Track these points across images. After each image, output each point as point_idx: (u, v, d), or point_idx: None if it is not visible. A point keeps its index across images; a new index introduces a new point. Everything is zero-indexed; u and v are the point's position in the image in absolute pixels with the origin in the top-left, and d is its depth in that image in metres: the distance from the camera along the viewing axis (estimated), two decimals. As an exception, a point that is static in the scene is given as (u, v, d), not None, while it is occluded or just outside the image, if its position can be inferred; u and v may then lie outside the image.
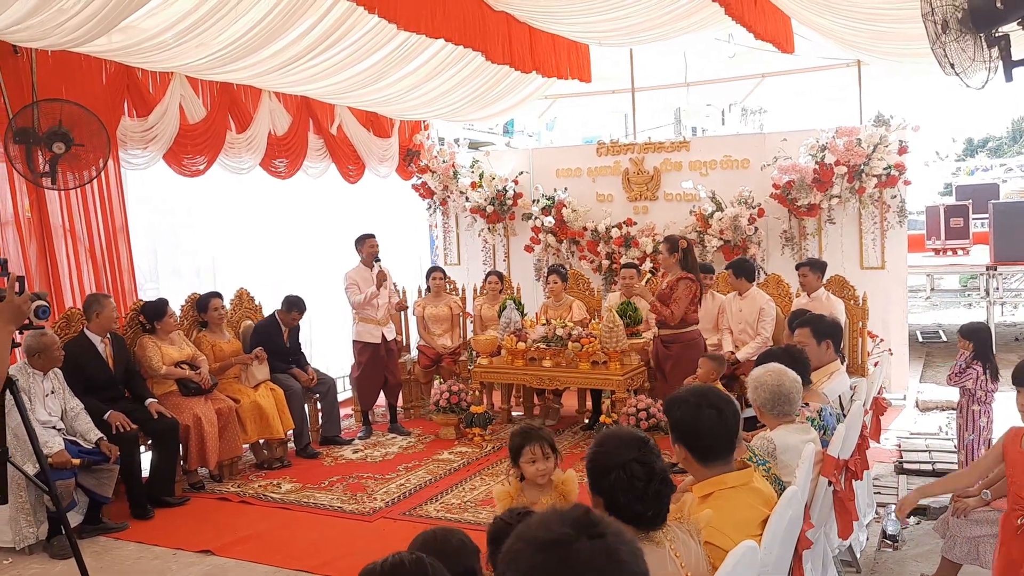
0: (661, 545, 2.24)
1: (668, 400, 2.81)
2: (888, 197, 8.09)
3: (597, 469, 2.32)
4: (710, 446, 2.68)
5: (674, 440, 2.73)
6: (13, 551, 5.04)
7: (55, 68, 5.94)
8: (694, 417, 2.69)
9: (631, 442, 2.33)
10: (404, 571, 1.72)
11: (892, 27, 7.02)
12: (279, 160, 7.94)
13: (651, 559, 2.18)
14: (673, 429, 2.75)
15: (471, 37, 6.89)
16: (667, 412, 2.81)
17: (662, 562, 2.21)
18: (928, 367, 9.75)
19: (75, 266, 6.24)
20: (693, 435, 2.69)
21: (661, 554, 2.22)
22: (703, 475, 2.71)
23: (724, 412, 2.69)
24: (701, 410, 2.68)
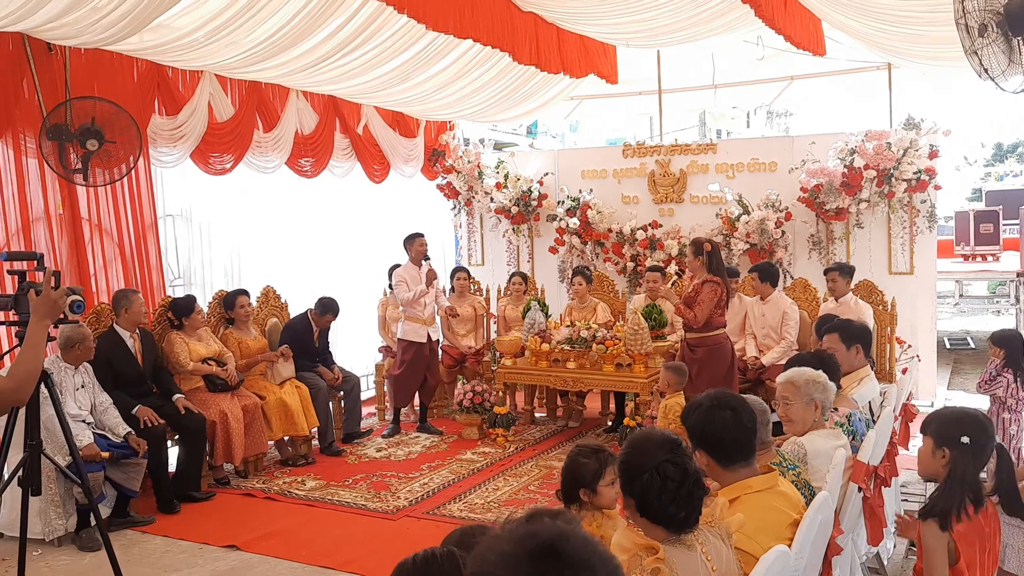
0: (692, 548, 2.23)
1: (684, 408, 2.79)
2: (917, 202, 8.00)
3: (630, 470, 2.30)
4: (729, 449, 2.66)
5: (694, 447, 2.70)
6: (42, 543, 5.10)
7: (88, 66, 6.02)
8: (709, 420, 2.67)
9: (664, 443, 2.31)
10: (436, 565, 1.72)
11: (924, 30, 6.94)
12: (305, 159, 7.99)
13: (682, 562, 2.18)
14: (691, 436, 2.73)
15: (499, 38, 6.91)
16: (683, 420, 2.79)
17: (693, 566, 2.19)
18: (956, 374, 9.63)
19: (105, 262, 6.31)
20: (711, 439, 2.68)
21: (692, 557, 2.21)
22: (727, 480, 2.69)
23: (740, 413, 2.67)
24: (715, 413, 2.67)
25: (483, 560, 1.27)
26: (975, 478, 2.76)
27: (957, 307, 13.31)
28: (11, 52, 5.58)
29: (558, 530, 1.27)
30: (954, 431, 2.78)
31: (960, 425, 2.79)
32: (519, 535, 1.26)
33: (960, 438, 2.75)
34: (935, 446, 2.82)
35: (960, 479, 2.73)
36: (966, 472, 2.74)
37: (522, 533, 1.27)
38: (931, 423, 2.90)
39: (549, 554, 1.23)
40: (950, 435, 2.78)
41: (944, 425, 2.84)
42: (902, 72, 8.74)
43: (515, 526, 1.30)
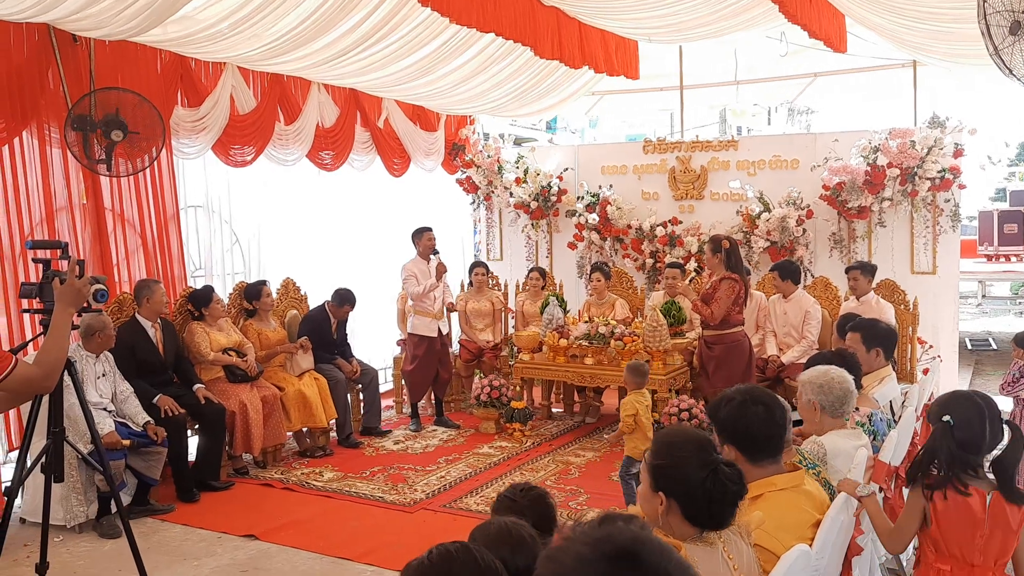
0: (714, 546, 2.22)
1: (714, 401, 2.77)
2: (941, 201, 7.92)
3: (680, 474, 2.23)
4: (759, 444, 2.65)
5: (723, 441, 2.69)
6: (64, 529, 5.16)
7: (112, 57, 6.06)
8: (741, 415, 2.66)
9: (706, 444, 2.28)
10: (454, 560, 1.68)
11: (951, 27, 6.86)
12: (326, 152, 8.01)
13: (704, 560, 2.16)
14: (721, 429, 2.71)
15: (521, 32, 6.89)
16: (712, 413, 2.77)
17: (715, 563, 2.18)
18: (977, 375, 9.54)
19: (128, 252, 6.36)
20: (742, 434, 2.66)
21: (714, 555, 2.20)
22: (753, 475, 2.66)
23: (772, 409, 2.66)
24: (748, 407, 2.66)
25: (559, 563, 1.25)
26: (958, 458, 2.80)
27: (979, 307, 13.18)
28: (36, 43, 5.62)
29: (635, 534, 1.25)
30: (940, 410, 2.87)
31: (946, 406, 2.88)
32: (595, 538, 1.24)
33: (942, 416, 2.83)
34: (930, 427, 2.92)
35: (930, 451, 2.82)
36: (939, 448, 2.80)
37: (598, 536, 1.24)
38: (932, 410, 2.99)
39: (627, 558, 1.22)
40: (936, 413, 2.88)
41: (936, 405, 2.93)
42: (926, 70, 8.65)
43: (589, 528, 1.28)
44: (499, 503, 2.63)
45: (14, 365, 2.78)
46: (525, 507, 2.52)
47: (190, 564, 4.76)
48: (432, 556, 1.71)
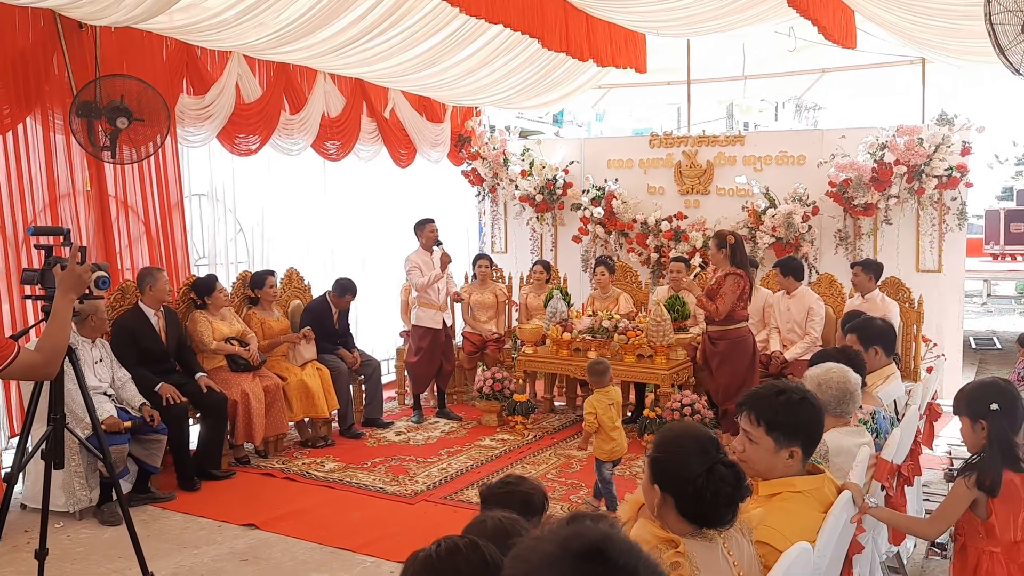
0: (713, 541, 2.20)
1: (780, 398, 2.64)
2: (948, 199, 7.88)
3: (677, 470, 2.19)
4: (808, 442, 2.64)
5: (789, 442, 2.60)
6: (65, 515, 5.16)
7: (118, 44, 6.04)
8: (817, 414, 2.65)
9: (709, 441, 2.23)
10: (461, 557, 1.65)
11: (961, 23, 6.81)
12: (331, 142, 7.99)
13: (702, 555, 2.15)
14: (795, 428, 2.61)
15: (529, 23, 6.85)
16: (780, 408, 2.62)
17: (713, 557, 2.17)
18: (981, 374, 9.50)
19: (131, 240, 6.35)
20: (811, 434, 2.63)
21: (713, 549, 2.18)
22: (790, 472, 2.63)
23: (820, 410, 2.68)
24: (818, 403, 2.66)
25: (525, 561, 1.24)
26: (1011, 441, 2.86)
27: (984, 306, 13.14)
28: (42, 29, 5.61)
29: (604, 532, 1.24)
30: (983, 401, 2.89)
31: (986, 394, 2.91)
32: (563, 536, 1.23)
33: (990, 405, 2.86)
34: (972, 422, 2.92)
35: (1000, 443, 2.85)
36: (1004, 435, 2.85)
37: (566, 534, 1.23)
38: (960, 402, 2.99)
39: (595, 556, 1.20)
40: (980, 407, 2.89)
41: (972, 400, 2.94)
42: (935, 67, 8.60)
43: (557, 527, 1.27)
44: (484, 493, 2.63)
45: (16, 353, 2.79)
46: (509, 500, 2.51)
47: (190, 552, 4.76)
48: (440, 550, 1.68)
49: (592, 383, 5.47)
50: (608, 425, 5.30)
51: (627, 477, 5.94)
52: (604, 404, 5.33)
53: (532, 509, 2.55)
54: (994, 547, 2.89)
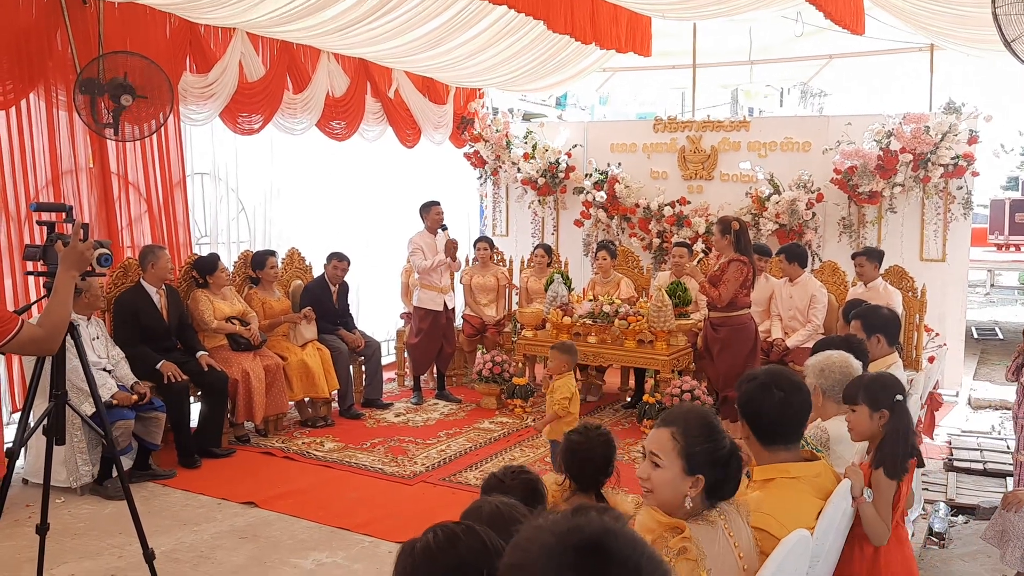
0: (715, 524, 2.21)
1: (743, 376, 2.75)
2: (953, 188, 7.85)
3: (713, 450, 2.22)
4: (773, 429, 2.63)
5: (740, 416, 2.70)
6: (66, 491, 5.18)
7: (121, 20, 6.01)
8: (760, 396, 2.63)
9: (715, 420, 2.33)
10: (461, 544, 1.61)
11: (971, 11, 6.76)
12: (336, 122, 7.96)
13: (706, 538, 2.16)
14: (740, 405, 2.70)
15: (533, 5, 6.80)
16: (737, 387, 2.76)
17: (715, 539, 2.18)
18: (983, 364, 9.52)
19: (133, 218, 6.34)
20: (756, 414, 2.65)
21: (715, 532, 2.19)
22: (764, 458, 2.65)
23: (791, 396, 2.63)
24: (769, 391, 2.63)
25: (524, 551, 1.22)
26: (912, 429, 2.98)
27: (987, 296, 13.12)
28: (45, 4, 5.57)
29: (606, 526, 1.21)
30: (888, 393, 2.97)
31: (888, 386, 3.00)
32: (565, 527, 1.21)
33: (895, 397, 2.95)
34: (871, 411, 2.99)
35: (904, 432, 2.94)
36: (908, 426, 2.95)
37: (568, 525, 1.21)
38: (858, 392, 3.05)
39: (596, 550, 1.18)
40: (884, 397, 2.97)
41: (874, 391, 3.01)
42: (943, 55, 8.55)
43: (560, 517, 1.24)
44: (488, 483, 2.62)
45: (20, 327, 2.79)
46: (512, 489, 2.51)
47: (190, 529, 4.78)
48: (438, 538, 1.63)
49: (565, 364, 5.29)
50: (574, 409, 5.27)
51: (625, 462, 5.96)
52: (573, 387, 5.30)
53: (537, 497, 2.56)
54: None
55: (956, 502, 5.30)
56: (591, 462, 3.06)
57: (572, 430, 3.24)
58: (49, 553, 3.87)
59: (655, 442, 2.27)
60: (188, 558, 4.43)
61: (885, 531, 2.88)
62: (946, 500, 5.31)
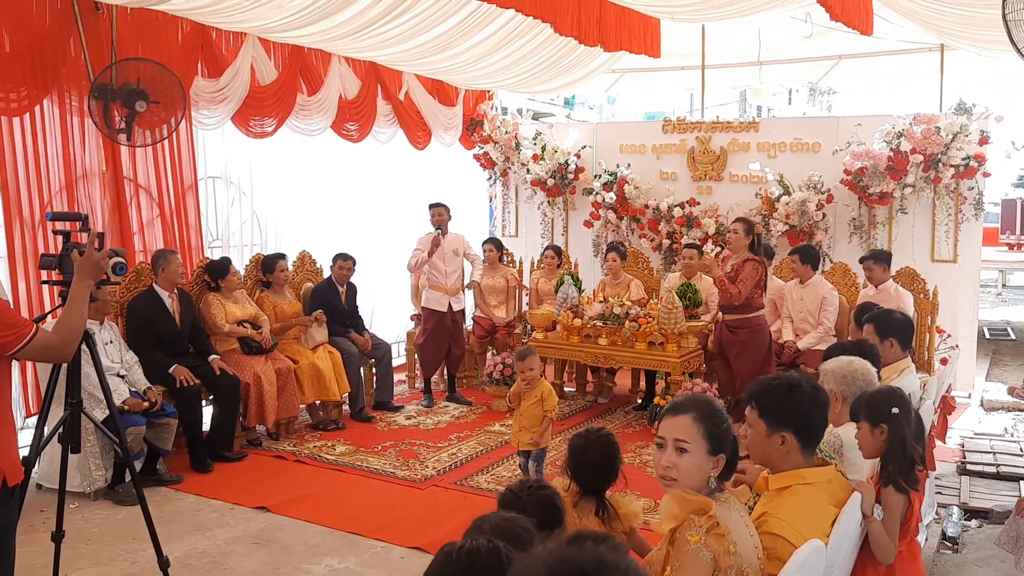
0: (728, 503, 2.32)
1: (762, 384, 2.68)
2: (965, 188, 7.82)
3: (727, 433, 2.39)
4: (817, 434, 2.66)
5: (777, 428, 2.60)
6: (80, 496, 5.21)
7: (133, 26, 6.04)
8: (813, 402, 2.63)
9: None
10: (481, 560, 1.67)
11: (980, 11, 6.73)
12: (351, 124, 7.99)
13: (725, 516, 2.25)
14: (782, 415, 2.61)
15: (540, 8, 6.79)
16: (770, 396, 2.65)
17: (732, 515, 2.28)
18: (995, 365, 9.47)
19: (145, 222, 6.37)
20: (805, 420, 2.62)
21: (731, 510, 2.30)
22: (786, 465, 2.62)
23: (825, 400, 2.70)
24: (818, 395, 2.66)
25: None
26: (910, 441, 2.94)
27: (999, 296, 13.05)
28: (59, 10, 5.61)
29: (599, 558, 1.22)
30: (883, 407, 2.97)
31: (884, 400, 2.99)
32: (557, 559, 1.22)
33: (890, 410, 2.94)
34: (871, 427, 2.99)
35: (901, 444, 2.92)
36: (904, 437, 2.93)
37: (560, 557, 1.22)
38: (859, 410, 3.06)
39: None
40: (881, 412, 2.96)
41: (872, 407, 3.01)
42: (953, 55, 8.51)
43: (556, 547, 1.26)
44: (504, 499, 2.64)
45: (34, 333, 2.81)
46: (528, 505, 2.53)
47: (203, 534, 4.81)
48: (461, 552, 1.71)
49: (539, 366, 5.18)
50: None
51: (637, 465, 5.96)
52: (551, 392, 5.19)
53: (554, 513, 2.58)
54: (901, 546, 2.94)
55: (969, 506, 5.28)
56: (591, 464, 3.07)
57: (576, 434, 3.24)
58: (64, 559, 3.90)
59: (678, 429, 2.35)
60: (201, 564, 4.46)
61: (892, 550, 2.86)
62: (959, 504, 5.29)
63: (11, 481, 2.88)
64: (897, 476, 2.88)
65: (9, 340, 2.79)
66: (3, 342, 2.78)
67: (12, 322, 2.82)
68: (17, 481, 2.92)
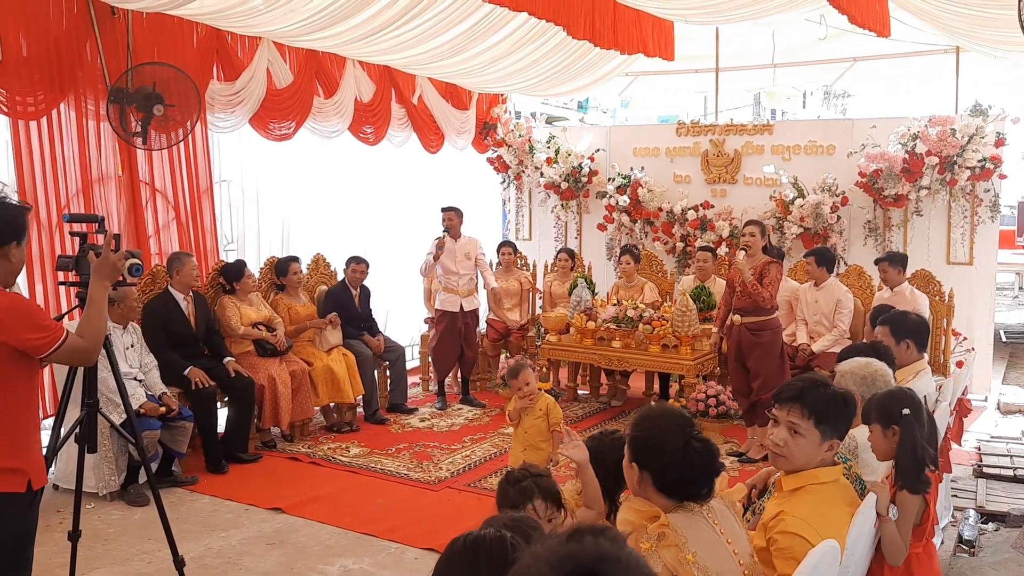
0: (696, 513, 2.30)
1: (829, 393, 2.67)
2: (981, 191, 7.77)
3: (650, 445, 2.33)
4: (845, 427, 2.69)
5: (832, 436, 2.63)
6: (95, 496, 5.25)
7: (150, 30, 6.09)
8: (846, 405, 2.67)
9: (684, 420, 2.37)
10: (484, 547, 1.70)
11: (997, 12, 6.69)
12: (367, 126, 8.04)
13: (685, 524, 2.24)
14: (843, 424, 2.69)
15: (554, 11, 6.80)
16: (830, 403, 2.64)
17: (697, 524, 2.27)
18: (1012, 368, 9.39)
19: (161, 225, 6.42)
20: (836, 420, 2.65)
21: (696, 518, 2.28)
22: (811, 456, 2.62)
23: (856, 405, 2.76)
24: (849, 400, 2.70)
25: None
26: (923, 442, 2.93)
27: (1016, 299, 12.95)
28: (76, 14, 5.66)
29: (600, 552, 1.21)
30: (894, 408, 2.97)
31: (896, 402, 2.99)
32: (558, 556, 1.21)
33: (902, 412, 2.94)
34: (883, 429, 2.99)
35: (912, 445, 2.91)
36: (916, 438, 2.91)
37: (562, 554, 1.21)
38: (871, 412, 3.05)
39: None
40: (892, 413, 2.96)
41: (883, 408, 3.01)
42: (969, 56, 8.46)
43: (555, 544, 1.24)
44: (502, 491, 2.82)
45: (65, 337, 2.84)
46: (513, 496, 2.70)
47: (218, 535, 4.83)
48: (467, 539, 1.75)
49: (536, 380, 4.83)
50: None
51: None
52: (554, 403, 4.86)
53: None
54: (917, 548, 2.94)
55: (986, 509, 5.24)
56: (604, 466, 3.07)
57: (589, 436, 3.26)
58: (80, 558, 3.93)
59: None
60: (216, 564, 4.48)
61: (903, 552, 2.85)
62: (976, 507, 5.25)
63: (36, 484, 2.91)
64: (908, 477, 2.87)
65: (42, 343, 2.82)
66: (36, 344, 2.81)
67: (45, 324, 2.85)
68: (42, 484, 2.95)
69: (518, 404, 4.77)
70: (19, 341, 2.77)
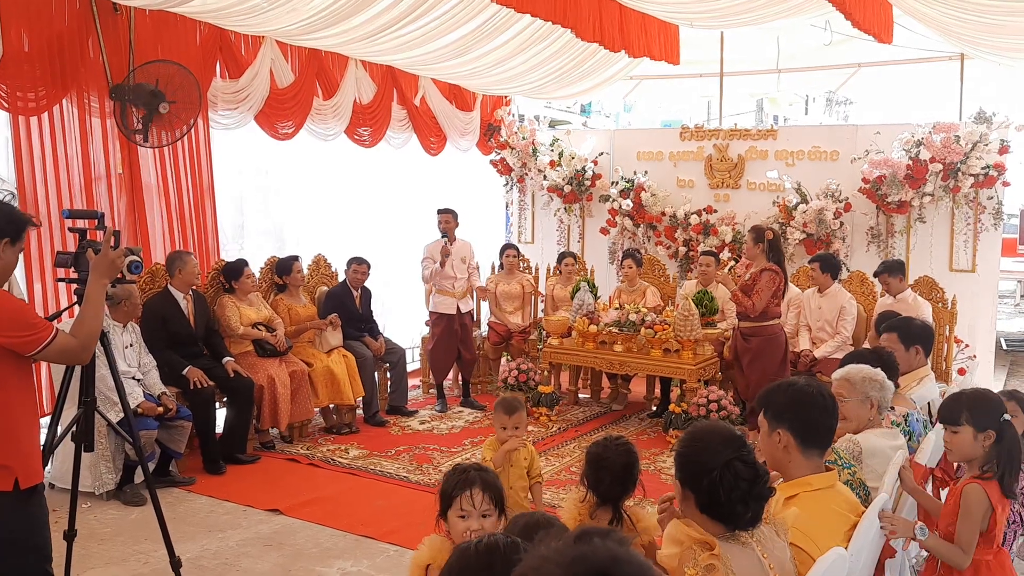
0: (747, 545, 2.17)
1: (770, 387, 2.70)
2: (984, 198, 7.74)
3: (695, 465, 2.21)
4: (816, 432, 2.61)
5: (776, 425, 2.61)
6: (91, 496, 5.21)
7: (152, 27, 6.07)
8: (805, 399, 2.62)
9: (732, 439, 2.23)
10: (497, 554, 1.67)
11: (1003, 19, 6.68)
12: (364, 128, 8.00)
13: (737, 559, 2.12)
14: (778, 412, 2.64)
15: (560, 13, 6.79)
16: (767, 395, 2.69)
17: (751, 562, 2.15)
18: (1012, 376, 9.36)
19: (162, 223, 6.39)
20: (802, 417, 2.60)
21: (749, 554, 2.15)
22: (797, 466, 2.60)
23: (834, 403, 2.67)
24: (813, 394, 2.63)
25: None
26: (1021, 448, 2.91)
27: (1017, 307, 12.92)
28: (78, 11, 5.64)
29: (611, 553, 1.19)
30: (994, 413, 2.92)
31: (994, 406, 2.96)
32: (569, 558, 1.19)
33: (1002, 416, 2.91)
34: (976, 431, 2.92)
35: (1012, 449, 2.88)
36: (1017, 443, 2.89)
37: (572, 555, 1.19)
38: (961, 413, 2.98)
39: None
40: (991, 417, 2.92)
41: (979, 411, 2.95)
42: (973, 63, 8.44)
43: (564, 546, 1.23)
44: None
45: (54, 335, 2.81)
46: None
47: (215, 536, 4.79)
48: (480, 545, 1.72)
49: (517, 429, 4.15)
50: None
51: (652, 472, 5.92)
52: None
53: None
54: (988, 555, 2.90)
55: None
56: (609, 472, 3.04)
57: (594, 442, 3.22)
58: (76, 558, 3.90)
59: None
60: (213, 565, 4.44)
61: (963, 556, 2.82)
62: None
63: (24, 483, 2.87)
64: (1007, 482, 2.86)
65: (28, 341, 2.79)
66: (22, 343, 2.78)
67: (32, 323, 2.82)
68: (33, 483, 2.92)
69: (507, 446, 4.06)
70: (4, 340, 2.75)
